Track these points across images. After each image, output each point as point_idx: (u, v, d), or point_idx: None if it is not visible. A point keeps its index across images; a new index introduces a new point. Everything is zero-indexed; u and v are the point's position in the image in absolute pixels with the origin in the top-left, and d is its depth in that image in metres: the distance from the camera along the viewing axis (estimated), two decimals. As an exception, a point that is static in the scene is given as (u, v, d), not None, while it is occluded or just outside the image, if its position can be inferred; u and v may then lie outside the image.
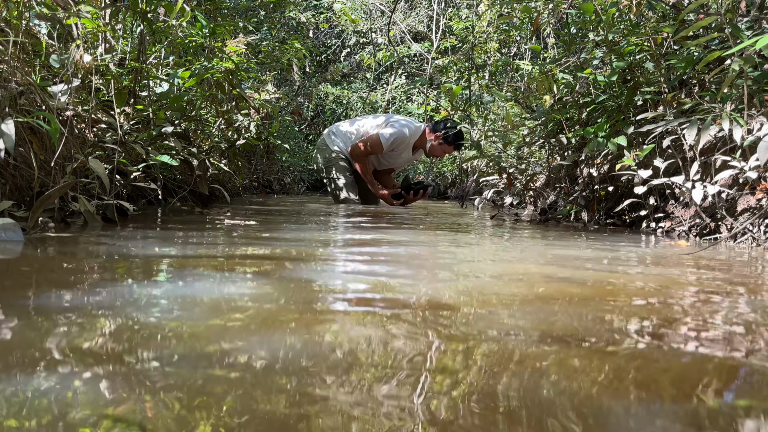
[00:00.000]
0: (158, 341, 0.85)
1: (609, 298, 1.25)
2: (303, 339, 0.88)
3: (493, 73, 7.06)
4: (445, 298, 1.22)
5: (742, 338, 0.97)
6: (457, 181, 7.87)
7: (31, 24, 2.73)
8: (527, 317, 1.06)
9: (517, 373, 0.76)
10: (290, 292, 1.24)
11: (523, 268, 1.67)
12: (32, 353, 0.77)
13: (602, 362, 0.82)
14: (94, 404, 0.62)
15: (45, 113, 2.16)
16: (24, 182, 2.28)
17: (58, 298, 1.08)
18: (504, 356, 0.83)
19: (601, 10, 3.26)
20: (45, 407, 0.61)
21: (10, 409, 0.60)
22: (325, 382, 0.71)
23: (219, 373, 0.72)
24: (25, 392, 0.64)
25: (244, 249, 1.90)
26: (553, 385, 0.72)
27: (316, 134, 11.82)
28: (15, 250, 1.60)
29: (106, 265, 1.48)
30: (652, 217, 3.10)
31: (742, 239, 2.45)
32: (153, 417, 0.59)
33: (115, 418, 0.59)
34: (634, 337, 0.95)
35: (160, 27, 3.42)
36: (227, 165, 4.46)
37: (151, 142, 3.11)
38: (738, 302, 1.27)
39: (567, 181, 3.92)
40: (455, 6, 9.71)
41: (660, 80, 3.08)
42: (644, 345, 0.91)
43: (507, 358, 0.82)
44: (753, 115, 2.51)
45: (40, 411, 0.60)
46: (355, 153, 5.06)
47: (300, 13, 10.47)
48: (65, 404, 0.62)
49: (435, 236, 2.63)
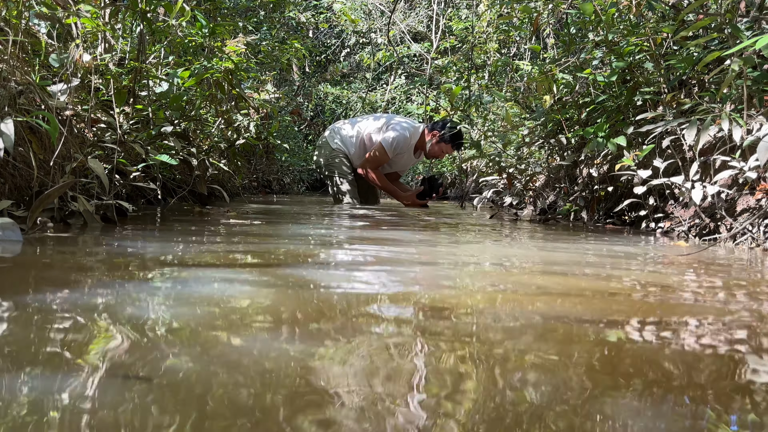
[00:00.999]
0: (155, 341, 0.85)
1: (610, 300, 1.25)
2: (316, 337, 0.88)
3: (493, 73, 7.06)
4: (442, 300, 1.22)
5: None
6: (457, 181, 7.87)
7: (30, 23, 2.73)
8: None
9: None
10: (292, 290, 1.23)
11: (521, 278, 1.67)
12: (27, 351, 0.77)
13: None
14: (84, 406, 0.62)
15: (44, 113, 2.16)
16: (23, 182, 2.28)
17: (55, 298, 1.08)
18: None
19: (601, 11, 3.26)
20: (38, 408, 0.61)
21: (7, 410, 0.59)
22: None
23: (219, 370, 0.72)
24: (19, 391, 0.64)
25: (244, 248, 1.89)
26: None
27: (316, 134, 11.83)
28: (14, 250, 1.60)
29: (105, 266, 1.48)
30: (652, 217, 3.11)
31: (741, 239, 2.45)
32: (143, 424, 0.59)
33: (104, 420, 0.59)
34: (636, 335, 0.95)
35: (160, 27, 3.42)
36: (227, 165, 4.46)
37: (151, 142, 3.10)
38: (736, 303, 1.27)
39: (567, 181, 3.92)
40: (455, 6, 9.71)
41: (659, 80, 3.08)
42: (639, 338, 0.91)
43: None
44: (752, 115, 2.51)
45: (36, 412, 0.60)
46: (366, 167, 5.04)
47: (300, 13, 10.47)
48: (58, 406, 0.61)
49: (434, 236, 2.63)
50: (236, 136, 4.57)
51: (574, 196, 3.65)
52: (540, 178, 4.41)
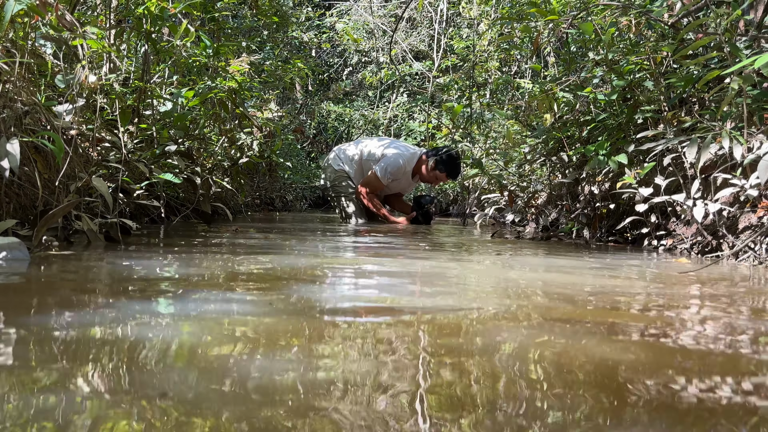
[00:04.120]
0: (157, 359, 0.85)
1: (610, 319, 1.25)
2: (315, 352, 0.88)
3: (494, 91, 7.11)
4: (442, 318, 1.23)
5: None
6: (459, 198, 7.89)
7: (36, 44, 2.77)
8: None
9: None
10: (292, 310, 1.24)
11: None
12: (35, 371, 0.77)
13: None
14: (91, 420, 0.62)
15: (49, 133, 2.18)
16: (28, 201, 2.30)
17: (60, 316, 1.09)
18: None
19: (601, 30, 3.29)
20: (46, 424, 0.61)
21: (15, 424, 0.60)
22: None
23: (214, 389, 0.73)
24: (23, 409, 0.64)
25: (247, 267, 1.90)
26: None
27: (319, 152, 11.88)
28: (20, 269, 1.61)
29: (107, 285, 1.48)
30: (654, 235, 3.11)
31: (743, 257, 2.45)
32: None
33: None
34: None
35: (164, 47, 3.46)
36: (230, 183, 4.48)
37: (155, 161, 3.13)
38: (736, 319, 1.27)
39: (568, 198, 3.93)
40: (456, 26, 9.81)
41: (660, 99, 3.10)
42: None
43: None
44: (753, 133, 2.52)
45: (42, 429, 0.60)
46: (362, 193, 5.12)
47: (303, 32, 10.58)
48: (64, 419, 0.62)
49: (435, 256, 2.63)
50: (239, 155, 4.60)
51: (576, 213, 3.66)
52: (542, 195, 4.41)
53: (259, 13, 6.64)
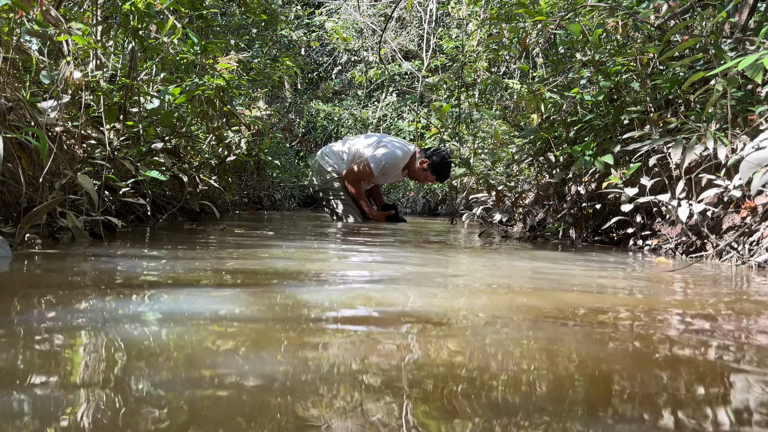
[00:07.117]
0: (140, 358, 0.85)
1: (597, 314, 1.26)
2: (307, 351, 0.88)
3: (483, 91, 7.13)
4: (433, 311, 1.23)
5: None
6: (447, 197, 7.91)
7: (21, 40, 2.74)
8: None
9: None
10: (279, 310, 1.24)
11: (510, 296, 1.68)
12: (14, 369, 0.77)
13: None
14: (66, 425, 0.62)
15: (34, 129, 2.16)
16: (12, 198, 2.28)
17: (42, 315, 1.08)
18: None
19: (588, 31, 3.31)
20: (22, 427, 0.61)
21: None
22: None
23: (206, 392, 0.73)
24: (4, 409, 0.64)
25: (232, 264, 1.89)
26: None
27: (307, 151, 11.86)
28: (2, 267, 1.59)
29: (90, 283, 1.47)
30: (639, 235, 3.13)
31: (727, 257, 2.47)
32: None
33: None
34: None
35: (152, 44, 3.44)
36: (217, 181, 4.47)
37: (141, 158, 3.11)
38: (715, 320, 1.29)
39: (555, 198, 3.95)
40: (445, 26, 9.83)
41: (646, 100, 3.13)
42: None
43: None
44: (737, 134, 2.55)
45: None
46: (348, 178, 5.11)
47: (292, 31, 10.55)
48: (41, 422, 0.62)
49: (424, 252, 2.64)
50: (227, 153, 4.58)
51: (562, 213, 3.68)
52: (529, 195, 4.44)
53: (247, 11, 6.62)
